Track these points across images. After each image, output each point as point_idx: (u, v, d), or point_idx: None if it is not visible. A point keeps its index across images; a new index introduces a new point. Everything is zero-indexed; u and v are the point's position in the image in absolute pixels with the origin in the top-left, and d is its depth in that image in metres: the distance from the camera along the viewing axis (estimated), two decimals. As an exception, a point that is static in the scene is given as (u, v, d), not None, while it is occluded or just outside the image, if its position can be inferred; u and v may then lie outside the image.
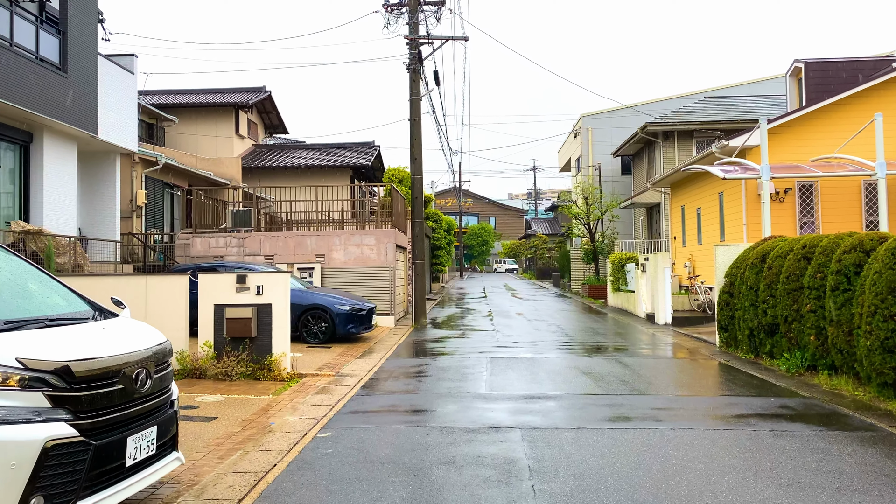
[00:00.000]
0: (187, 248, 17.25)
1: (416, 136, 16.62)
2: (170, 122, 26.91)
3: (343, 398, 8.14)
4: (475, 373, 9.71)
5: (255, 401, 8.05)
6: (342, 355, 11.77)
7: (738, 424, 6.60)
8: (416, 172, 16.66)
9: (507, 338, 14.07)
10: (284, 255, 17.06)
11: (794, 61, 19.00)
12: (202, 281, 9.83)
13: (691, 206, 20.14)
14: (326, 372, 9.96)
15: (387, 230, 17.04)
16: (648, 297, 18.06)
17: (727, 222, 17.07)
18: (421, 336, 14.81)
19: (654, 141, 26.25)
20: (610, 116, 32.94)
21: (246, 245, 17.18)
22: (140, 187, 17.74)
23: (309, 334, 13.15)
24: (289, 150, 30.24)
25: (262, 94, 30.21)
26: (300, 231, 17.43)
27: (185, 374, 9.52)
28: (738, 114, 25.88)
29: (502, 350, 12.19)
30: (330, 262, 16.97)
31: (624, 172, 32.40)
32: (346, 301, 13.40)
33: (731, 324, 11.82)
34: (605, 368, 10.02)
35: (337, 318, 13.06)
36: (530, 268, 56.13)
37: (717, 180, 17.73)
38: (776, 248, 10.37)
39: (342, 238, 16.99)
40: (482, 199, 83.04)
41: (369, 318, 13.73)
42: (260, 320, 9.72)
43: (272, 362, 9.56)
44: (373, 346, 12.94)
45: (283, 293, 9.76)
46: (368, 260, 16.90)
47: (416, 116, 16.61)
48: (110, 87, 15.65)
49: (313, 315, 13.14)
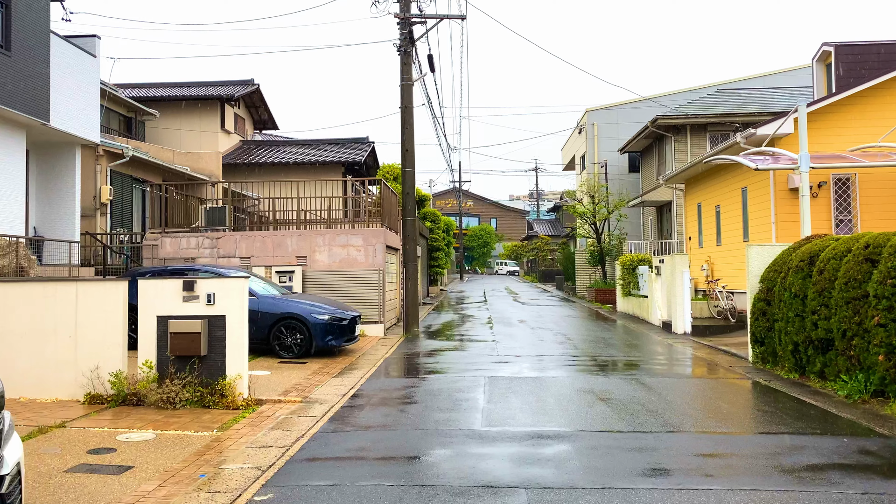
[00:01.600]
0: (155, 250, 15.63)
1: (407, 125, 15.01)
2: (150, 117, 25.34)
3: (304, 435, 6.52)
4: (470, 399, 8.08)
5: (194, 439, 6.43)
6: (317, 373, 10.14)
7: (817, 482, 4.95)
8: (408, 165, 15.04)
9: (508, 350, 12.44)
10: (262, 257, 15.45)
11: (823, 45, 17.37)
12: (142, 287, 8.20)
13: (709, 204, 18.50)
14: (292, 397, 8.33)
15: (375, 229, 15.42)
16: (664, 304, 16.42)
17: (752, 221, 15.44)
18: (412, 348, 13.18)
19: (665, 135, 24.62)
20: (616, 111, 31.31)
21: (220, 246, 15.57)
22: (105, 182, 16.13)
23: (282, 347, 11.53)
24: (278, 146, 28.65)
25: (250, 88, 28.65)
26: (280, 231, 15.81)
27: (119, 400, 7.90)
28: (755, 106, 24.26)
29: (503, 366, 10.56)
30: (313, 264, 15.35)
31: (631, 170, 30.75)
32: (324, 309, 11.78)
33: (768, 336, 10.18)
34: (626, 392, 8.39)
35: (314, 328, 11.43)
36: (532, 270, 54.49)
37: (738, 175, 16.11)
38: (828, 249, 8.73)
39: (326, 238, 15.38)
40: (483, 199, 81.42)
41: (352, 328, 12.10)
42: (211, 335, 8.10)
43: (225, 386, 7.94)
44: (355, 361, 11.31)
45: (239, 302, 8.14)
46: (355, 262, 15.29)
47: (407, 103, 15.01)
48: (67, 70, 14.05)
49: (287, 325, 11.52)
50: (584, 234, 26.72)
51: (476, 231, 72.47)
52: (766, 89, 27.49)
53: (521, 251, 59.90)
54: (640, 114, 29.88)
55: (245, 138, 29.60)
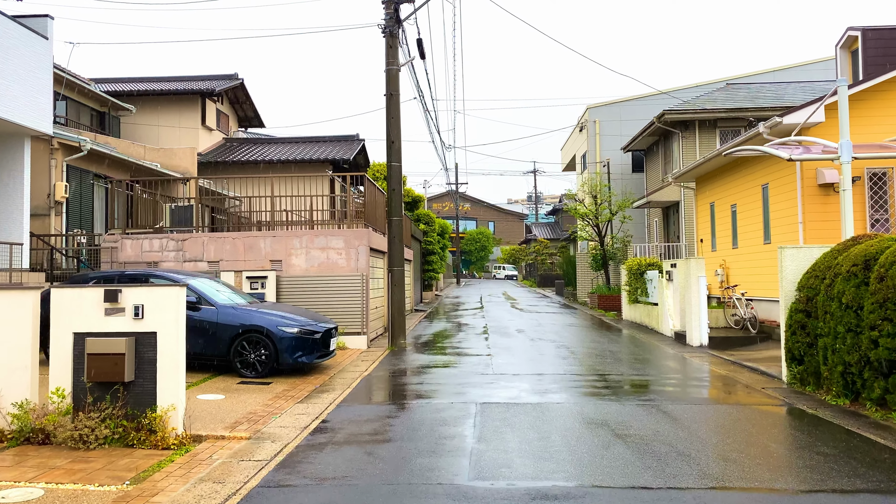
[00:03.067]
0: (115, 253, 14.13)
1: (393, 115, 13.52)
2: (126, 112, 23.88)
3: (238, 491, 5.03)
4: (457, 435, 6.58)
5: (93, 498, 4.93)
6: (280, 397, 8.63)
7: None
8: (394, 159, 13.55)
9: (504, 366, 10.94)
10: (232, 261, 13.95)
11: (848, 30, 15.94)
12: (55, 298, 6.69)
13: (723, 203, 17.03)
14: (240, 431, 6.83)
15: (358, 230, 13.93)
16: (676, 312, 14.94)
17: (774, 221, 13.97)
18: (396, 364, 11.68)
19: (672, 132, 23.17)
20: (619, 108, 29.87)
21: (186, 249, 14.07)
22: (60, 179, 14.62)
23: (244, 365, 10.01)
24: (263, 143, 27.16)
25: (233, 82, 27.17)
26: (252, 232, 14.30)
27: (22, 438, 6.39)
28: (768, 101, 22.81)
29: (498, 389, 9.06)
30: (288, 269, 13.86)
31: (635, 170, 29.29)
32: (293, 321, 10.26)
33: (808, 353, 8.70)
34: (646, 425, 6.90)
35: (280, 343, 9.92)
36: (531, 274, 52.97)
37: (758, 170, 14.65)
38: (889, 252, 7.25)
39: (303, 240, 13.88)
40: (480, 202, 79.93)
41: (326, 341, 10.59)
42: (140, 356, 6.60)
43: (155, 419, 6.43)
44: (328, 381, 9.80)
45: (174, 315, 6.64)
46: (335, 266, 13.80)
47: (393, 90, 13.52)
48: (11, 52, 12.56)
49: (250, 340, 10.01)
50: (585, 237, 25.23)
51: (473, 234, 70.95)
52: (777, 84, 26.07)
53: (520, 255, 58.42)
54: (643, 110, 28.47)
55: (228, 136, 28.12)
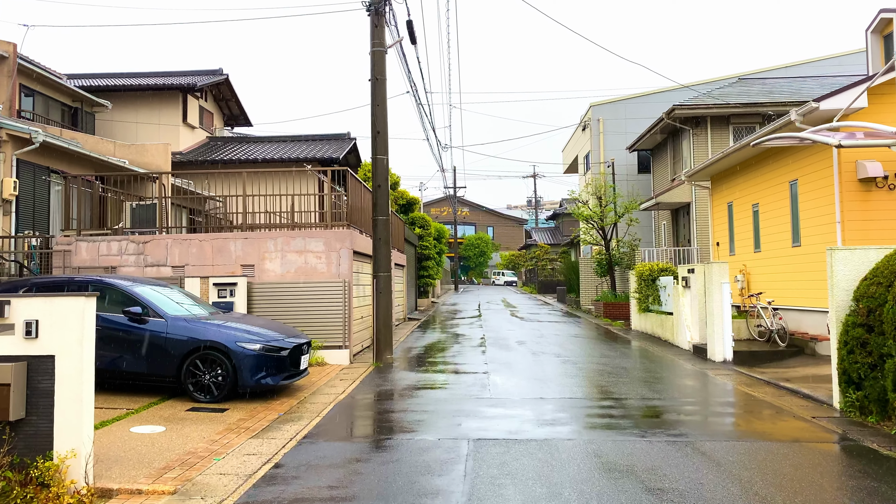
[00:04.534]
0: (68, 257, 12.65)
1: (379, 101, 12.05)
2: (101, 108, 22.45)
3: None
4: (442, 491, 5.08)
5: None
6: (231, 430, 7.13)
7: None
8: (380, 151, 12.07)
9: (503, 388, 9.45)
10: (199, 266, 12.47)
11: (880, 12, 14.50)
12: (-76, 313, 5.21)
13: (743, 203, 15.56)
14: (165, 483, 5.32)
15: (340, 231, 12.45)
16: (695, 323, 13.45)
17: (805, 221, 12.51)
18: (378, 385, 10.17)
19: (682, 129, 21.74)
20: (624, 105, 28.45)
21: (147, 252, 12.58)
22: (9, 174, 13.14)
23: (197, 388, 8.51)
24: (250, 142, 25.69)
25: (217, 78, 25.74)
26: (221, 233, 12.81)
27: None
28: (785, 95, 21.38)
29: (496, 419, 7.57)
30: (261, 274, 12.37)
31: (641, 170, 27.86)
32: (256, 335, 8.77)
33: (870, 377, 7.21)
34: (685, 473, 5.40)
35: (240, 362, 8.42)
36: (531, 280, 51.46)
37: (785, 165, 13.21)
38: None
39: (279, 242, 12.40)
40: (479, 207, 78.48)
41: (296, 359, 9.09)
42: (33, 388, 5.13)
43: (49, 470, 4.95)
44: (295, 408, 8.31)
45: (79, 335, 5.16)
46: (314, 272, 12.31)
47: (379, 73, 12.06)
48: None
49: (205, 358, 8.51)
50: (590, 241, 23.74)
51: (472, 240, 69.50)
52: (791, 78, 24.66)
53: (519, 261, 56.94)
54: (649, 108, 27.07)
55: (213, 135, 26.67)
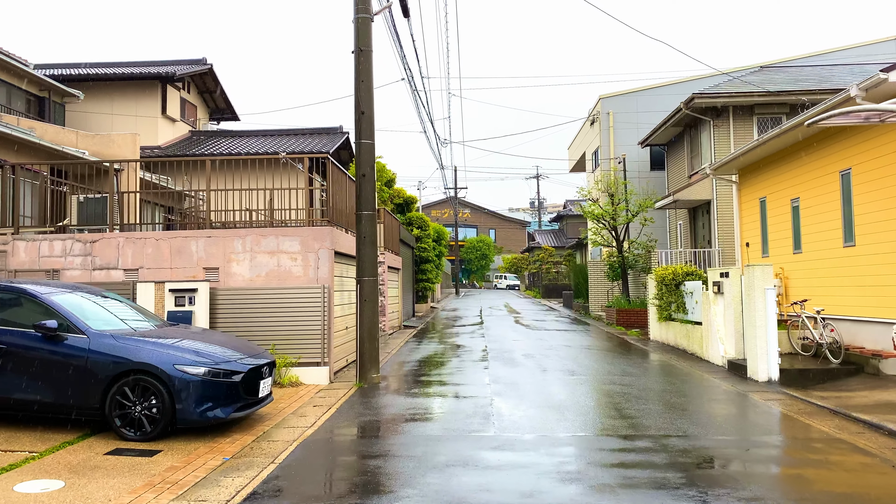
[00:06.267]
0: (5, 259, 10.92)
1: (363, 77, 10.30)
2: (73, 99, 20.78)
3: None
4: None
5: None
6: (152, 486, 5.37)
7: None
8: (365, 135, 10.32)
9: (510, 421, 7.68)
10: (156, 269, 10.72)
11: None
12: None
13: (779, 198, 13.79)
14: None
15: (319, 229, 10.70)
16: (729, 335, 11.67)
17: (861, 215, 10.74)
18: (357, 415, 8.39)
19: (702, 120, 19.99)
20: (635, 98, 26.71)
21: (96, 253, 10.84)
22: (-60, 163, 11.43)
23: (126, 422, 6.74)
24: (235, 136, 23.99)
25: (200, 67, 24.04)
26: (181, 231, 11.05)
27: None
28: (813, 83, 19.65)
29: (501, 470, 5.79)
30: (227, 279, 10.62)
31: (654, 167, 26.10)
32: (204, 356, 6.99)
33: None
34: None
35: (179, 389, 6.65)
36: (534, 284, 49.67)
37: (834, 152, 11.45)
38: None
39: (247, 241, 10.65)
40: (481, 209, 76.69)
41: (253, 385, 7.32)
42: None
43: None
44: (248, 449, 6.54)
45: None
46: (289, 276, 10.56)
47: (364, 45, 10.31)
48: None
49: (136, 385, 6.74)
50: (600, 242, 21.96)
51: (473, 242, 67.69)
52: (817, 67, 22.91)
53: (522, 264, 55.17)
54: (662, 101, 25.35)
55: (196, 129, 24.97)
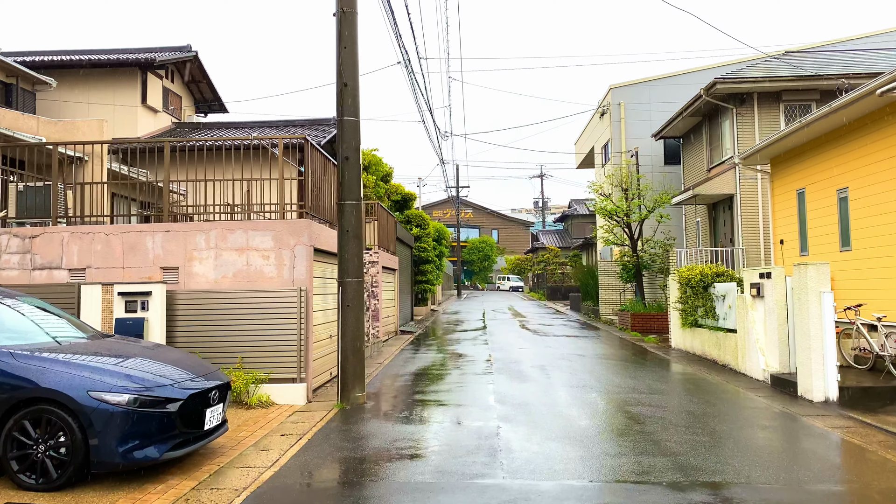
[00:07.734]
0: (-68, 256, 9.39)
1: (346, 43, 8.76)
2: (44, 86, 19.32)
3: None
4: None
5: None
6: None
7: None
8: (348, 111, 8.77)
9: (522, 461, 6.11)
10: (106, 269, 9.18)
11: None
12: None
13: (822, 188, 12.22)
14: None
15: (296, 222, 9.16)
16: (772, 345, 10.09)
17: (930, 207, 9.17)
18: (331, 450, 6.83)
19: (724, 108, 18.43)
20: (648, 88, 25.14)
21: (37, 250, 9.31)
22: None
23: (25, 466, 5.19)
24: (222, 128, 22.48)
25: (184, 54, 22.53)
26: (135, 225, 9.52)
27: None
28: (846, 68, 18.09)
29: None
30: (189, 280, 9.08)
31: (668, 162, 24.51)
32: (134, 380, 5.45)
33: None
34: None
35: (93, 424, 5.11)
36: (539, 286, 48.07)
37: (889, 135, 9.87)
38: None
39: (211, 237, 9.11)
40: (483, 209, 75.11)
41: (197, 416, 5.77)
42: None
43: None
44: (182, 499, 4.99)
45: None
46: (260, 277, 9.02)
47: (347, 5, 8.77)
48: None
49: (40, 418, 5.21)
50: (613, 241, 20.39)
51: (476, 243, 66.11)
52: (846, 52, 21.32)
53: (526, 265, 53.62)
54: (675, 92, 23.78)
55: (182, 120, 23.46)
